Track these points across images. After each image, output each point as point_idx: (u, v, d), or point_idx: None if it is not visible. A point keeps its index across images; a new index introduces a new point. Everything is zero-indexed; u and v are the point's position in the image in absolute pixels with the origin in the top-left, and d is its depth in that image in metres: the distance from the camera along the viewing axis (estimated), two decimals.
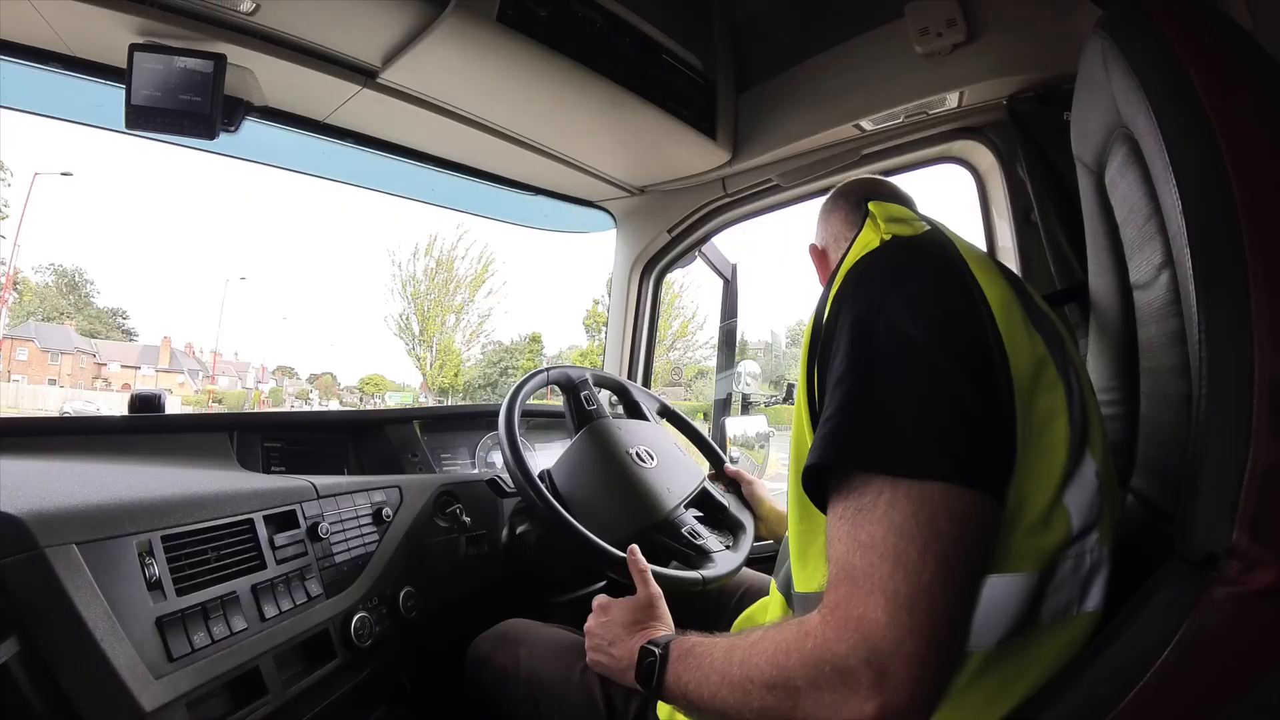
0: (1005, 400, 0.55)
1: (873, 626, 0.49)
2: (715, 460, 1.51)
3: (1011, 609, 0.54)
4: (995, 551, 0.54)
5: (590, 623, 0.89)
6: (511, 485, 1.12)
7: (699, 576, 1.06)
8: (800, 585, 0.68)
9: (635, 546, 0.97)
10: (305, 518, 0.97)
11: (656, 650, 0.71)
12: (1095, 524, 0.57)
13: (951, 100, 1.39)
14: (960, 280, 0.60)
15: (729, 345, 2.26)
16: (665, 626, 0.85)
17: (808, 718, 0.53)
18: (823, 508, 0.58)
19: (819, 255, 1.00)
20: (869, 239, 0.67)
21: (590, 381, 1.36)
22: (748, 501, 1.39)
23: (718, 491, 1.35)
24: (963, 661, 0.54)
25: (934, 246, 0.65)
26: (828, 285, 0.66)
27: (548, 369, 1.34)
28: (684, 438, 1.52)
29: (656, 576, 0.94)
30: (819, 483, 0.58)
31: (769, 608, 0.81)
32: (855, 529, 0.52)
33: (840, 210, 0.97)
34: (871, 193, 0.95)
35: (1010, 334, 0.57)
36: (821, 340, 0.62)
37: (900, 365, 0.55)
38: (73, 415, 1.29)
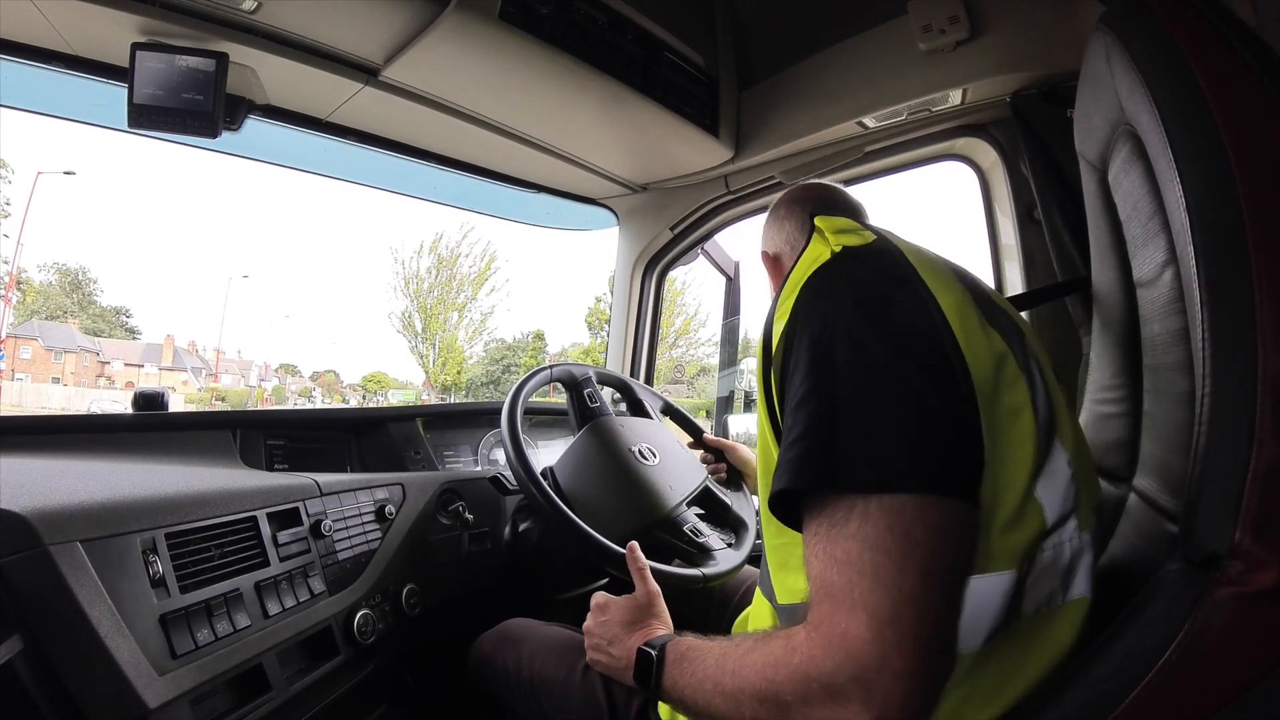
0: (968, 402, 0.54)
1: (857, 643, 0.49)
2: (695, 432, 1.52)
3: (993, 608, 0.54)
4: (974, 554, 0.54)
5: (589, 622, 0.89)
6: (514, 482, 1.12)
7: (699, 574, 1.06)
8: (782, 597, 0.68)
9: (634, 543, 0.97)
10: (308, 515, 0.98)
11: (653, 652, 0.71)
12: (1071, 513, 0.57)
13: (954, 97, 1.39)
14: (912, 288, 0.59)
15: (731, 343, 2.26)
16: (664, 625, 0.84)
17: None
18: (797, 527, 0.58)
19: (771, 262, 0.98)
20: (819, 252, 0.66)
21: (594, 379, 1.37)
22: (737, 467, 1.42)
23: (720, 490, 1.35)
24: (952, 668, 0.54)
25: (883, 255, 0.64)
26: (776, 298, 0.65)
27: (551, 366, 1.34)
28: (686, 435, 1.52)
29: (656, 574, 0.94)
30: (790, 505, 0.58)
31: (758, 615, 0.81)
32: (831, 546, 0.52)
33: (795, 217, 0.95)
34: (818, 203, 0.94)
35: (966, 335, 0.57)
36: (779, 355, 0.61)
37: (860, 381, 0.55)
38: (98, 413, 1.31)
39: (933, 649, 0.50)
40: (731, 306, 2.21)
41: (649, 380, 2.08)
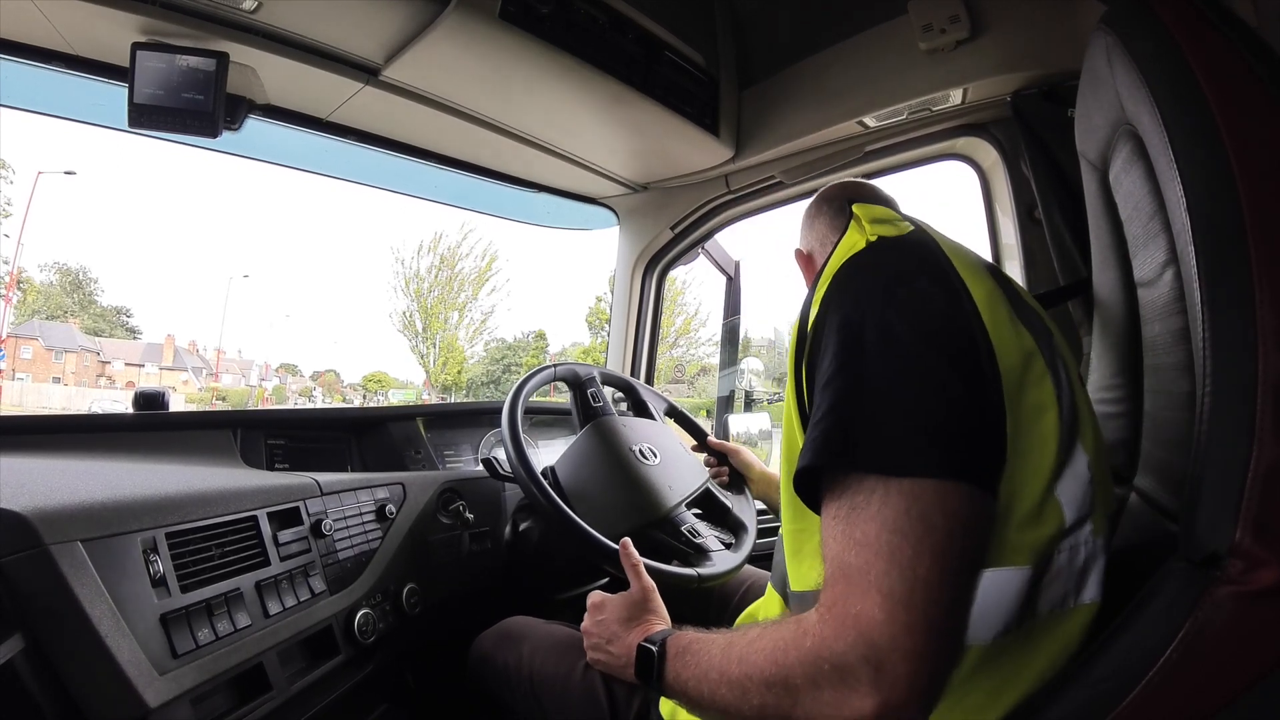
0: (994, 395, 0.55)
1: (870, 624, 0.49)
2: (699, 435, 1.52)
3: (1007, 602, 0.55)
4: (989, 545, 0.54)
5: (586, 622, 0.89)
6: (507, 467, 1.12)
7: (695, 574, 1.06)
8: (795, 584, 0.69)
9: (627, 540, 0.96)
10: (309, 515, 0.98)
11: (654, 648, 0.71)
12: (1088, 516, 0.58)
13: (955, 97, 1.39)
14: (945, 278, 0.60)
15: (732, 342, 2.25)
16: (661, 620, 0.84)
17: (807, 715, 0.53)
18: (816, 508, 0.58)
19: (805, 260, 1.00)
20: (854, 240, 0.67)
21: (598, 379, 1.36)
22: (740, 471, 1.42)
23: (721, 493, 1.35)
24: (961, 656, 0.54)
25: (918, 246, 0.65)
26: (813, 287, 0.66)
27: (555, 365, 1.34)
28: (690, 438, 1.52)
29: (652, 572, 0.93)
30: (812, 484, 0.58)
31: (767, 607, 0.81)
32: (850, 527, 0.52)
33: (825, 215, 0.97)
34: (854, 196, 0.95)
35: (996, 329, 0.57)
36: (809, 342, 0.62)
37: (889, 365, 0.55)
38: (99, 413, 1.33)
39: (943, 634, 0.50)
40: (732, 306, 2.21)
41: (649, 380, 2.08)
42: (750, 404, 2.21)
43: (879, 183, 1.00)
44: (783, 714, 0.55)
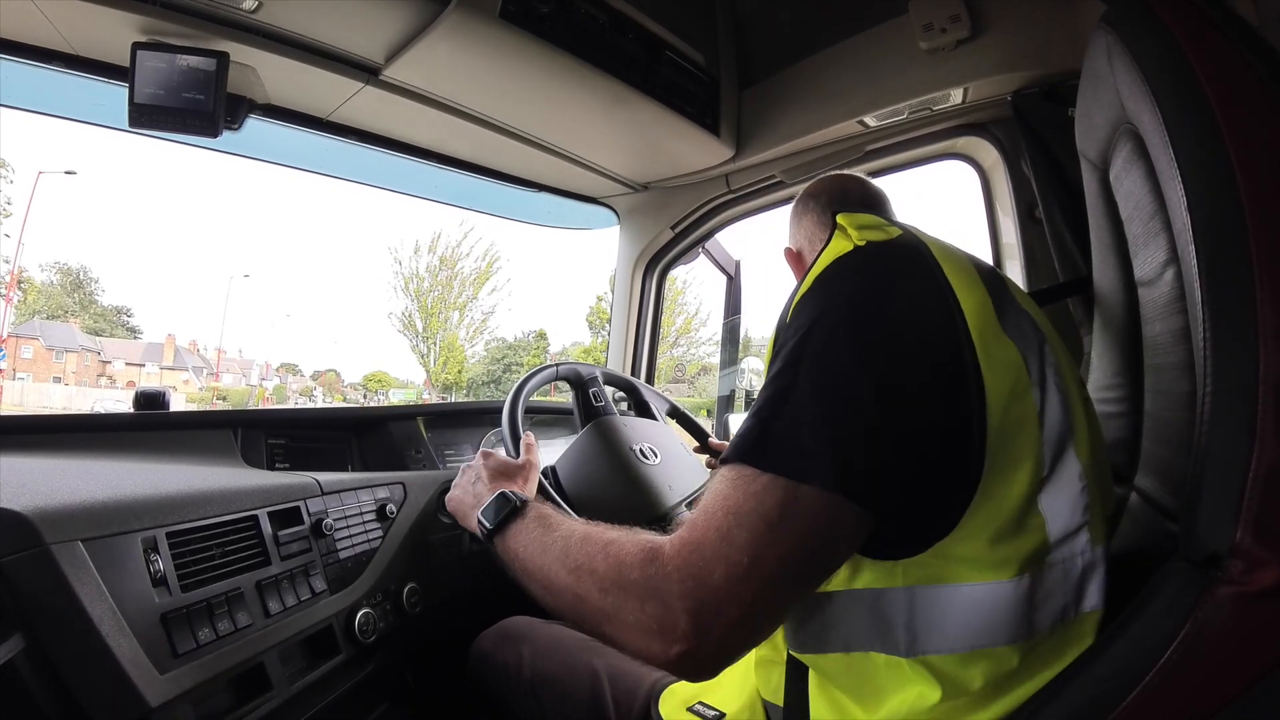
0: (977, 411, 0.54)
1: (710, 584, 0.52)
2: (701, 436, 1.53)
3: (1003, 614, 0.55)
4: (965, 560, 0.55)
5: (473, 463, 1.00)
6: None
7: None
8: None
9: (530, 434, 1.07)
10: (309, 514, 0.98)
11: (513, 501, 0.79)
12: (1084, 525, 0.57)
13: (956, 96, 1.39)
14: (933, 287, 0.58)
15: (733, 342, 2.26)
16: (530, 491, 0.93)
17: (619, 628, 0.56)
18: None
19: (795, 258, 0.99)
20: (840, 245, 0.65)
21: (600, 379, 1.36)
22: None
23: None
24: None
25: (907, 252, 0.63)
26: (794, 290, 0.65)
27: (557, 364, 1.34)
28: (689, 437, 1.52)
29: None
30: None
31: None
32: (732, 491, 0.54)
33: (812, 212, 0.96)
34: (841, 192, 0.94)
35: (984, 342, 0.56)
36: (779, 344, 0.62)
37: (816, 375, 0.55)
38: (100, 413, 1.33)
39: (760, 621, 0.54)
40: (732, 305, 2.21)
41: (650, 379, 2.08)
42: (750, 403, 2.21)
43: (878, 182, 0.99)
44: (601, 615, 0.58)
